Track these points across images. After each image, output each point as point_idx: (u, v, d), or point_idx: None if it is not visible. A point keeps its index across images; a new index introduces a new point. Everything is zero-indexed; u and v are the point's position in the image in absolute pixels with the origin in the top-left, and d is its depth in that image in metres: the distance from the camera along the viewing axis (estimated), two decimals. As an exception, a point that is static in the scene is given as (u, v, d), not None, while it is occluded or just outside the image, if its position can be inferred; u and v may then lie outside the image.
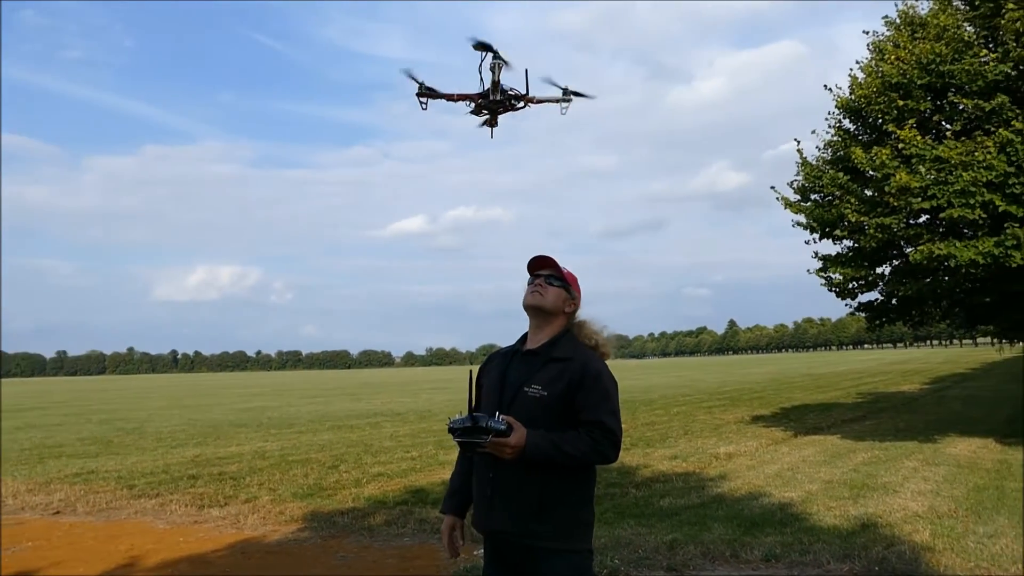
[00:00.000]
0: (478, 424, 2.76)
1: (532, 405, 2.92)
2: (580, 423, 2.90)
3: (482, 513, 3.04)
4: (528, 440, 2.79)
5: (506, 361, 3.14)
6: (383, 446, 16.04)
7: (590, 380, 2.93)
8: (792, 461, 12.15)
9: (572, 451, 2.85)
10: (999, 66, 10.74)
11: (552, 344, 3.05)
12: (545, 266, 3.14)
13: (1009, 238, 10.24)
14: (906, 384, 35.51)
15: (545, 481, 2.90)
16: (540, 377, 2.96)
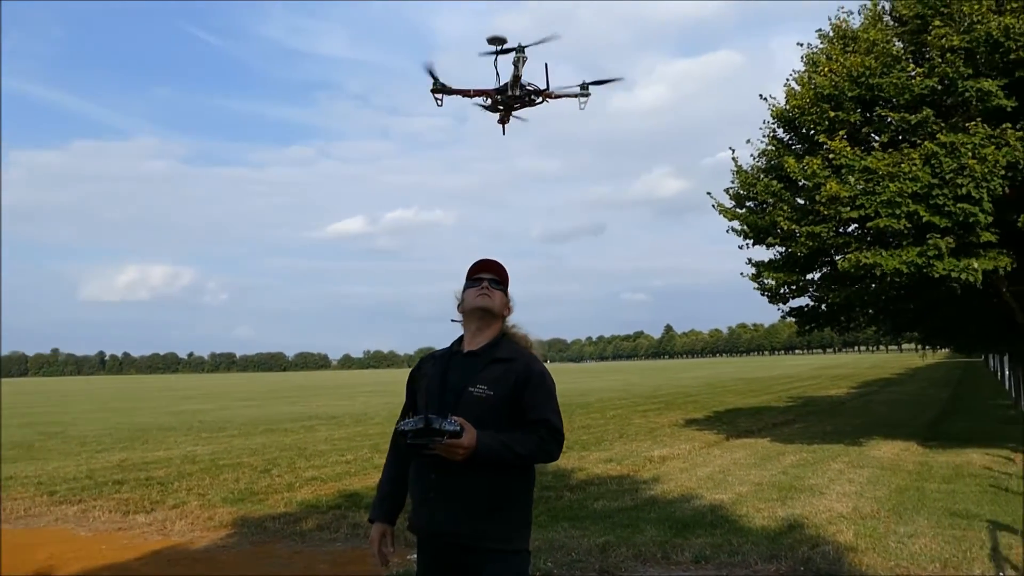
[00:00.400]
0: (431, 426, 2.72)
1: (477, 405, 2.92)
2: (526, 422, 2.94)
3: (424, 515, 3.01)
4: (479, 441, 2.79)
5: (444, 363, 3.14)
6: (317, 450, 15.82)
7: (535, 380, 2.99)
8: (724, 464, 12.35)
9: (521, 450, 2.89)
10: (925, 81, 11.11)
11: (493, 346, 3.08)
12: (490, 270, 3.18)
13: (932, 248, 10.58)
14: (834, 388, 36.49)
15: (491, 481, 2.91)
16: (484, 377, 2.98)
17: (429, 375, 3.15)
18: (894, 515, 8.22)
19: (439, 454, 2.78)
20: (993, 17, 10.57)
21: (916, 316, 16.17)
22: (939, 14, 11.22)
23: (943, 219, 10.51)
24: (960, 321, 16.31)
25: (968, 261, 10.54)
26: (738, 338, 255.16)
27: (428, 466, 2.93)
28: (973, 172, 10.28)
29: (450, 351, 3.19)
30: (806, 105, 12.24)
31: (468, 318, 3.16)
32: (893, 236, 11.13)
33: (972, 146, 10.40)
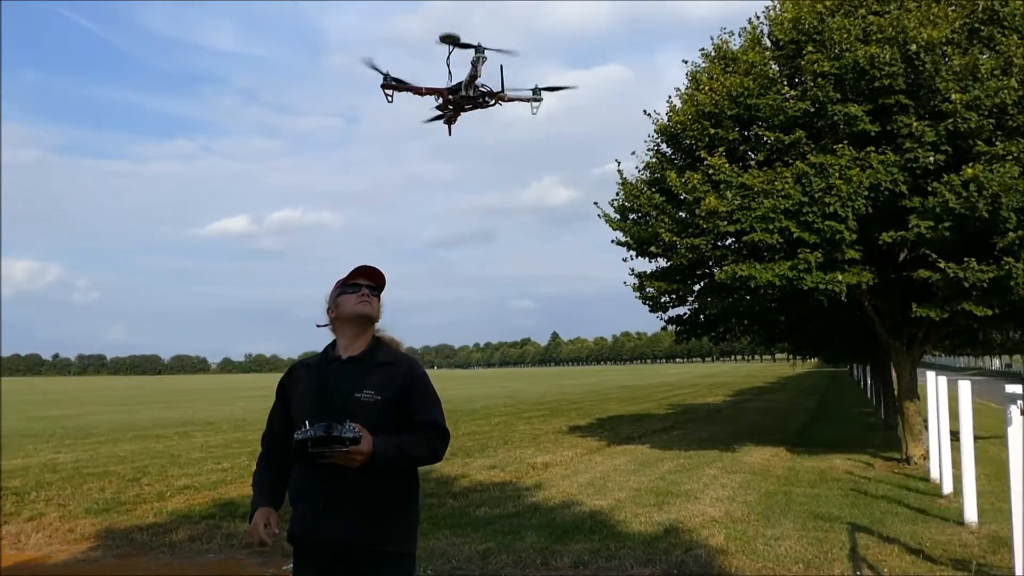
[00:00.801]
0: (333, 434, 2.68)
1: (366, 410, 2.92)
2: (414, 424, 2.99)
3: (315, 526, 2.96)
4: (375, 446, 2.80)
5: (321, 370, 3.11)
6: (192, 457, 15.23)
7: (420, 383, 3.06)
8: (604, 470, 12.58)
9: (414, 453, 2.95)
10: (798, 103, 11.66)
11: (373, 350, 3.10)
12: (370, 277, 3.17)
13: (802, 262, 11.11)
14: (711, 396, 37.84)
15: (382, 486, 2.93)
16: (370, 382, 2.99)
17: (305, 382, 3.11)
18: (763, 519, 8.57)
19: (333, 462, 2.75)
20: (860, 46, 11.20)
21: (787, 327, 16.93)
22: (812, 40, 11.80)
23: (812, 235, 11.05)
24: (827, 333, 17.18)
25: (834, 275, 11.12)
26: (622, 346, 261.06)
27: (317, 475, 2.88)
28: (839, 192, 10.85)
29: (326, 358, 3.15)
30: (688, 121, 12.64)
31: (345, 324, 3.13)
32: (767, 250, 11.61)
33: (839, 167, 10.98)
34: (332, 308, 3.18)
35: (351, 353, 3.10)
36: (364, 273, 3.17)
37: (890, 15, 11.35)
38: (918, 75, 11.05)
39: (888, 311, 12.94)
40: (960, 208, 10.37)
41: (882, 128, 11.46)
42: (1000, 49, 10.99)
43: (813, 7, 12.08)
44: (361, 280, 3.15)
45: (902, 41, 11.00)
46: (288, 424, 3.07)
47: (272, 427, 3.24)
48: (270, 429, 3.26)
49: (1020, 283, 10.29)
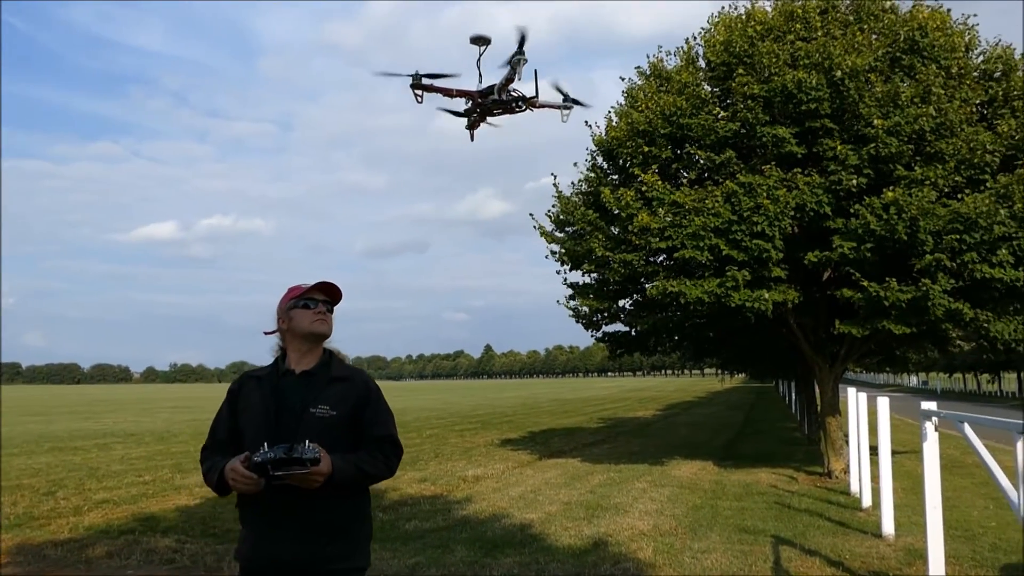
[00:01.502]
0: (294, 455, 2.63)
1: (321, 426, 2.87)
2: (370, 438, 2.97)
3: (270, 545, 2.88)
4: (334, 465, 2.77)
5: (273, 383, 3.04)
6: (111, 470, 14.72)
7: (374, 397, 3.04)
8: (535, 483, 12.59)
9: (371, 470, 2.93)
10: (729, 124, 11.94)
11: (327, 364, 3.06)
12: (328, 293, 3.12)
13: (730, 280, 11.35)
14: (642, 410, 38.29)
15: (336, 502, 2.89)
16: (326, 397, 2.94)
17: (257, 396, 3.02)
18: (690, 532, 8.67)
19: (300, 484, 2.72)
20: (788, 71, 11.54)
21: (716, 343, 17.25)
22: (743, 63, 12.11)
23: (740, 253, 11.30)
24: (754, 349, 17.58)
25: (760, 293, 11.38)
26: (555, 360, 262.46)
27: (268, 492, 2.80)
28: (767, 211, 11.13)
29: (277, 370, 3.07)
30: (623, 138, 12.81)
31: (297, 339, 3.06)
32: (697, 267, 11.82)
33: (767, 187, 11.27)
34: (284, 319, 3.09)
35: (304, 367, 3.04)
36: (322, 289, 3.10)
37: (817, 41, 11.72)
38: (843, 100, 11.44)
39: (812, 328, 13.30)
40: (881, 230, 10.75)
41: (808, 150, 11.80)
42: (920, 78, 11.46)
43: (744, 31, 12.41)
44: (318, 296, 3.09)
45: (828, 67, 11.37)
46: (236, 436, 2.99)
47: (216, 438, 3.10)
48: (213, 440, 3.10)
49: (936, 304, 10.70)
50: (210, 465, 2.97)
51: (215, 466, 2.91)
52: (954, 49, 12.09)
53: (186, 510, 10.37)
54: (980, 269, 10.81)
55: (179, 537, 8.62)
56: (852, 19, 12.63)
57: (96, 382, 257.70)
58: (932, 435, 6.28)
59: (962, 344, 17.49)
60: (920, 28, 12.00)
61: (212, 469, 2.93)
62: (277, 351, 3.14)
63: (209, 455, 3.07)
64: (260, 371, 3.14)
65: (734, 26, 12.69)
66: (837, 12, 12.71)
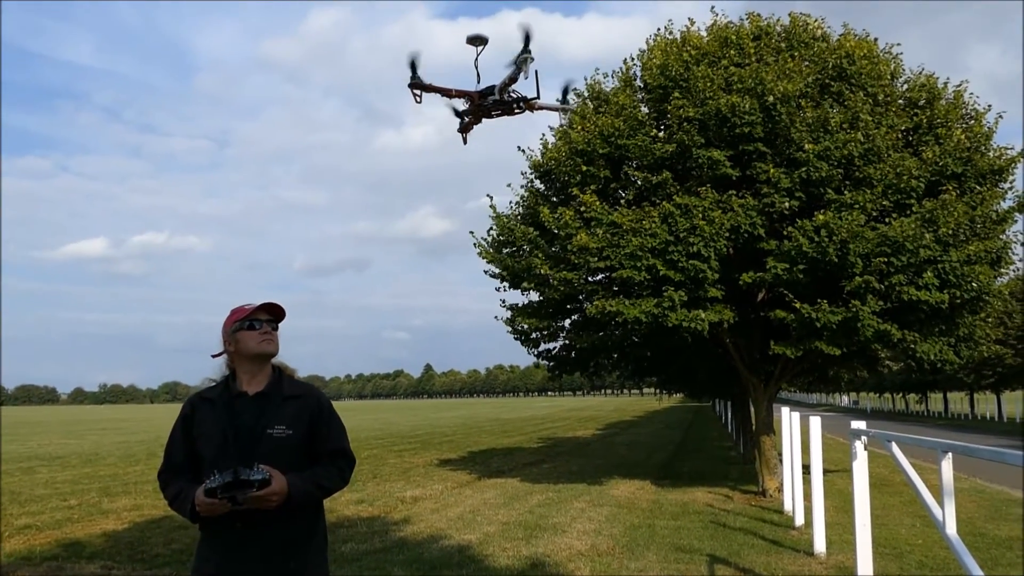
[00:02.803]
0: (240, 478, 2.67)
1: (279, 445, 2.92)
2: (324, 453, 3.05)
3: (231, 563, 2.89)
4: (291, 484, 2.81)
5: (226, 405, 3.03)
6: (35, 494, 14.17)
7: (327, 412, 3.11)
8: (474, 504, 12.48)
9: (328, 484, 3.02)
10: (665, 146, 12.11)
11: (278, 383, 3.09)
12: (272, 312, 3.15)
13: (667, 300, 11.46)
14: (581, 430, 38.41)
15: (294, 518, 2.92)
16: (281, 417, 2.98)
17: (211, 420, 3.01)
18: (627, 551, 8.67)
19: (257, 507, 2.74)
20: (723, 95, 11.76)
21: (654, 362, 17.39)
22: (679, 87, 12.31)
23: (677, 273, 11.43)
24: (692, 368, 17.76)
25: (697, 313, 11.51)
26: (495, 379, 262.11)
27: (230, 519, 2.83)
28: (703, 232, 11.29)
29: (228, 393, 3.06)
30: (562, 158, 12.89)
31: (246, 361, 3.07)
32: (635, 287, 11.91)
33: (702, 209, 11.44)
34: (230, 342, 3.10)
35: (257, 388, 3.06)
36: (267, 309, 3.12)
37: (750, 67, 11.98)
38: (775, 124, 11.70)
39: (747, 348, 13.52)
40: (812, 252, 10.99)
41: (742, 173, 12.02)
42: (848, 104, 11.79)
43: (680, 55, 12.62)
44: (263, 316, 3.11)
45: (760, 92, 11.62)
46: (193, 460, 3.01)
47: (172, 461, 3.09)
48: (170, 463, 3.09)
49: (866, 325, 10.97)
50: (176, 492, 2.98)
51: (184, 495, 2.91)
52: (880, 77, 12.49)
53: (113, 535, 10.02)
54: (907, 291, 11.13)
55: (105, 563, 8.33)
56: (784, 46, 12.95)
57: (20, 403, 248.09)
58: (862, 454, 6.40)
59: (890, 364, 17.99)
60: (848, 56, 12.37)
61: (181, 498, 2.94)
62: (225, 372, 3.15)
63: (171, 479, 3.07)
64: (210, 393, 3.12)
65: (670, 50, 12.89)
66: (770, 39, 13.03)
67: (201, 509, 2.81)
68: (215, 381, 3.16)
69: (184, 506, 2.92)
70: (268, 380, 3.09)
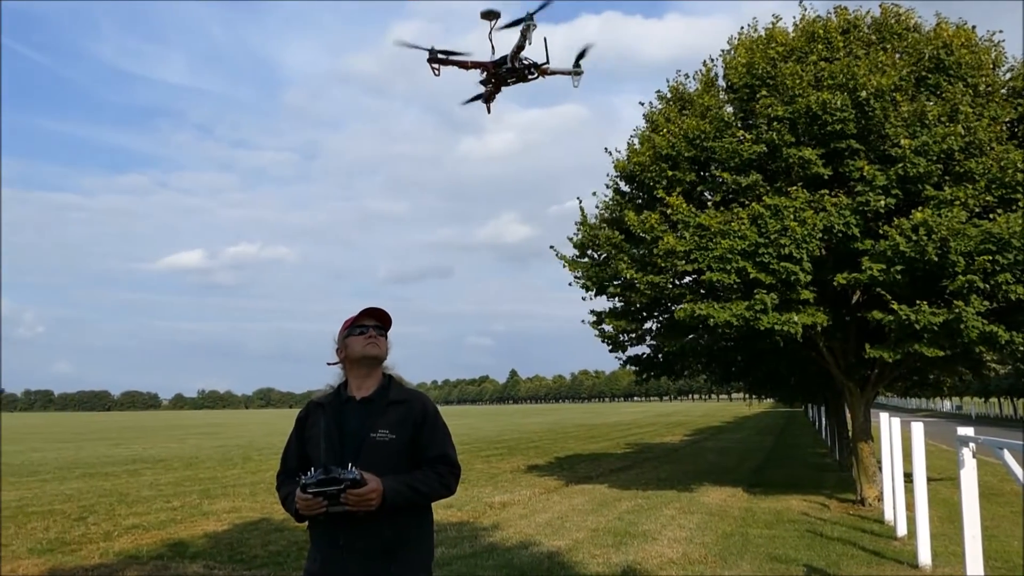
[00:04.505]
0: (332, 475, 2.78)
1: (382, 449, 3.01)
2: (426, 460, 3.08)
3: (332, 563, 2.99)
4: (386, 486, 2.88)
5: (336, 410, 3.16)
6: (141, 495, 14.80)
7: (431, 418, 3.16)
8: (562, 510, 12.45)
9: (425, 489, 3.03)
10: (753, 146, 11.87)
11: (385, 389, 3.18)
12: (376, 317, 3.27)
13: (758, 303, 11.22)
14: (669, 435, 37.90)
15: (398, 524, 2.99)
16: (385, 422, 3.06)
17: (322, 423, 3.15)
18: (720, 560, 8.50)
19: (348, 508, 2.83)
20: (812, 92, 11.47)
21: (744, 366, 17.05)
22: (766, 85, 12.06)
23: (768, 276, 11.17)
24: (783, 372, 17.34)
25: (789, 316, 11.23)
26: (580, 384, 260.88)
27: (334, 520, 2.92)
28: (794, 233, 11.01)
29: (339, 398, 3.20)
30: (646, 162, 12.78)
31: (355, 365, 3.21)
32: (724, 290, 11.71)
33: (793, 209, 11.16)
34: (341, 349, 3.25)
35: (364, 393, 3.17)
36: (371, 314, 3.26)
37: (840, 62, 11.65)
38: (868, 120, 11.34)
39: (842, 352, 13.10)
40: (910, 252, 10.58)
41: (835, 171, 11.69)
42: (946, 96, 11.33)
43: (766, 53, 12.36)
44: (368, 321, 3.24)
45: (852, 87, 11.28)
46: (305, 463, 3.11)
47: (287, 466, 3.27)
48: (285, 468, 3.28)
49: (970, 326, 10.48)
50: (287, 493, 3.12)
51: (292, 495, 3.02)
52: (981, 66, 11.96)
53: (214, 536, 10.38)
54: (1015, 290, 10.60)
55: (207, 563, 8.64)
56: (875, 39, 12.55)
57: (126, 409, 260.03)
58: (970, 462, 6.12)
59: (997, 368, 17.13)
60: (945, 46, 11.89)
61: (290, 499, 3.05)
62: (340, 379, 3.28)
63: (284, 481, 3.23)
64: (324, 398, 3.24)
65: (755, 48, 12.66)
66: (859, 32, 12.65)
67: (299, 506, 2.91)
68: (332, 388, 3.28)
69: (291, 506, 3.04)
70: (376, 386, 3.19)
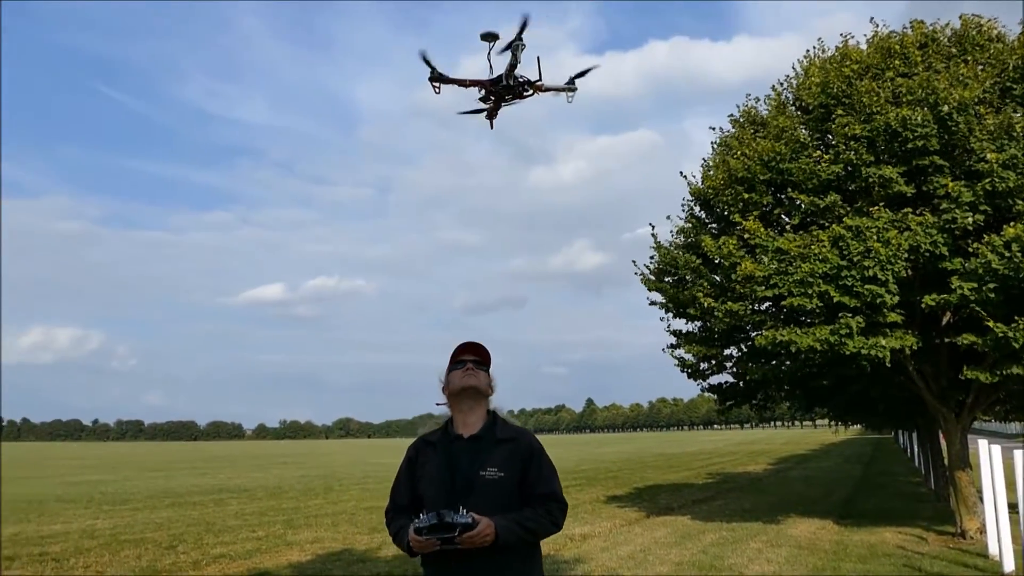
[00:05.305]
0: (444, 521, 2.88)
1: (492, 488, 3.08)
2: (534, 497, 3.14)
3: None
4: (498, 526, 2.95)
5: (446, 448, 3.24)
6: (227, 525, 15.16)
7: (538, 456, 3.22)
8: (644, 542, 12.23)
9: (535, 526, 3.10)
10: (831, 167, 11.59)
11: (492, 427, 3.24)
12: (473, 352, 3.36)
13: (843, 327, 10.87)
14: (752, 464, 36.94)
15: (508, 560, 3.04)
16: (494, 460, 3.14)
17: (433, 462, 3.24)
18: (811, 596, 8.20)
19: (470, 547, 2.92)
20: (891, 108, 11.16)
21: (829, 392, 16.50)
22: (841, 104, 11.80)
23: (852, 299, 10.84)
24: (871, 398, 16.72)
25: (876, 339, 10.85)
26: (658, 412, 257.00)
27: (447, 556, 3.00)
28: (878, 255, 10.67)
29: (447, 436, 3.28)
30: (720, 186, 12.62)
31: (457, 400, 3.29)
32: (806, 315, 11.40)
33: (876, 230, 10.83)
34: (445, 386, 3.34)
35: (471, 431, 3.24)
36: (466, 349, 3.37)
37: (919, 77, 11.32)
38: (951, 135, 10.97)
39: (934, 376, 12.58)
40: (1003, 269, 10.12)
41: (918, 189, 11.33)
42: (1035, 107, 10.88)
43: (840, 71, 12.11)
44: (466, 356, 3.34)
45: (933, 102, 10.94)
46: (416, 500, 3.24)
47: (396, 501, 3.37)
48: (394, 504, 3.38)
49: (1072, 346, 9.95)
50: (398, 528, 3.22)
51: (403, 531, 3.13)
52: (1071, 74, 11.46)
53: (298, 566, 10.55)
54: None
55: (292, 595, 8.75)
56: (955, 51, 12.17)
57: (211, 438, 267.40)
58: (1079, 492, 5.77)
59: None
60: (1032, 56, 11.44)
61: (401, 534, 3.16)
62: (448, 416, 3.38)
63: (395, 517, 3.32)
64: (432, 436, 3.34)
65: (829, 67, 12.42)
66: (938, 45, 12.29)
67: (414, 546, 3.01)
68: (440, 425, 3.37)
69: (402, 542, 3.14)
70: (482, 424, 3.25)
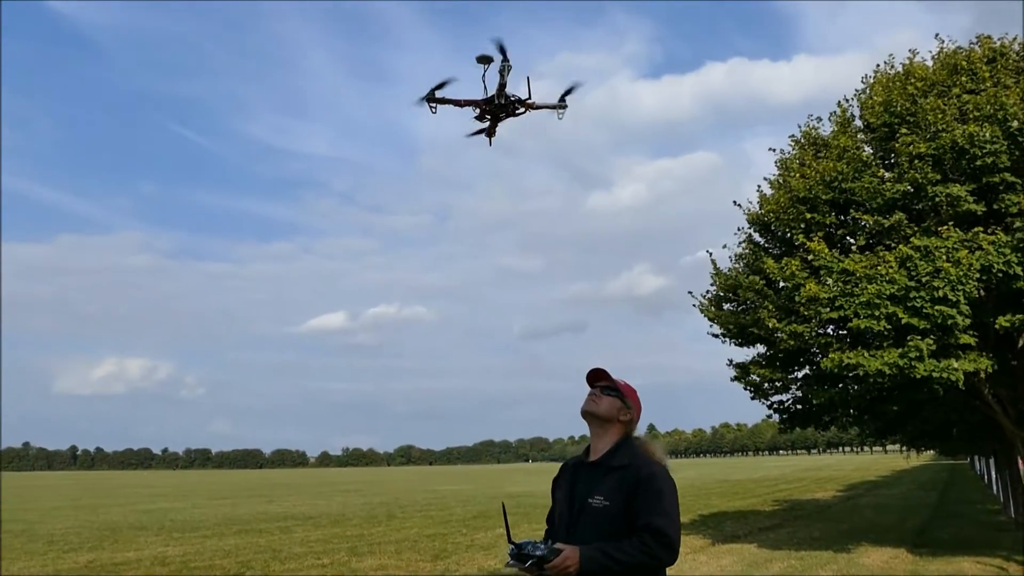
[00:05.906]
0: (522, 552, 2.95)
1: (597, 516, 3.06)
2: (635, 528, 3.02)
3: None
4: (582, 555, 2.92)
5: (573, 473, 3.30)
6: (293, 552, 15.35)
7: (644, 484, 3.08)
8: (711, 571, 12.02)
9: (621, 557, 2.95)
10: (896, 186, 11.38)
11: (611, 453, 3.21)
12: (600, 378, 3.36)
13: (912, 350, 10.61)
14: (820, 491, 36.00)
15: None
16: (602, 488, 3.11)
17: (564, 487, 3.30)
18: (885, 626, 7.97)
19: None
20: (957, 126, 10.93)
21: (900, 417, 16.08)
22: (905, 122, 11.60)
23: (922, 321, 10.59)
24: (944, 423, 16.27)
25: (948, 362, 10.56)
26: (721, 438, 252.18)
27: None
28: (948, 275, 10.42)
29: (579, 460, 3.34)
30: (780, 208, 12.49)
31: (588, 424, 3.32)
32: (873, 337, 11.17)
33: (946, 250, 10.59)
34: None
35: (595, 456, 3.24)
36: (594, 376, 3.38)
37: (987, 93, 11.08)
38: (1023, 152, 10.68)
39: (1011, 400, 12.18)
40: (1082, 289, 9.80)
41: (988, 207, 11.05)
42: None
43: (904, 89, 11.92)
44: (594, 382, 3.37)
45: (1002, 118, 10.70)
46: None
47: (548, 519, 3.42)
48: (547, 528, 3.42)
49: None
50: None
51: None
52: None
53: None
54: None
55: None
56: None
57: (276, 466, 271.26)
58: None
59: None
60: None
61: None
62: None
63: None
64: (573, 459, 3.39)
65: (892, 85, 12.23)
66: (1007, 60, 12.02)
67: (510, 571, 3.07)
68: None
69: None
70: (606, 449, 3.23)
